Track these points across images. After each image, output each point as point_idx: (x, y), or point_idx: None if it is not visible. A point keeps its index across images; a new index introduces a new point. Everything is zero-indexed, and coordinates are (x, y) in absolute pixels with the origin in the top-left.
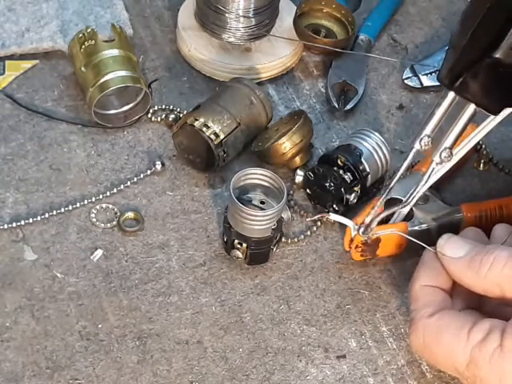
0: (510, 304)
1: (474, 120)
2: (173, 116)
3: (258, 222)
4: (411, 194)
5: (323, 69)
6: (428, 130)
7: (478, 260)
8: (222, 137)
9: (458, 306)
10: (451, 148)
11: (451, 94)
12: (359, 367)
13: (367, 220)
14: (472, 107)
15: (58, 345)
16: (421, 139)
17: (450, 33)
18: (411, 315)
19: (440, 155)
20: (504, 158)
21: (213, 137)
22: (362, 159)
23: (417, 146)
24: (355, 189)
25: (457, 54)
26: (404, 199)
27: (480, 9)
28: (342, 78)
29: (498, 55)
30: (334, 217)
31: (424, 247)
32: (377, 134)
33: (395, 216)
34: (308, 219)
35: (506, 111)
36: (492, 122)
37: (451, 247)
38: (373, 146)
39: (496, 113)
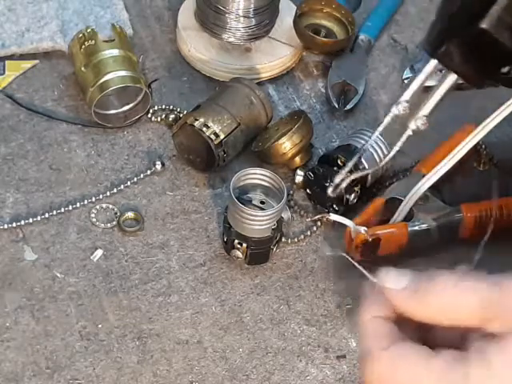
0: (457, 330)
1: (474, 120)
2: (173, 116)
3: (258, 222)
4: (385, 156)
5: (323, 69)
6: (406, 95)
7: (423, 288)
8: (222, 137)
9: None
10: (428, 116)
11: (433, 62)
12: (359, 367)
13: (337, 180)
14: (452, 77)
15: (58, 345)
16: (398, 104)
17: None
18: (364, 349)
19: (416, 122)
20: (504, 158)
21: (213, 137)
22: (362, 159)
23: (394, 111)
24: (355, 189)
25: (443, 21)
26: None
27: None
28: (342, 78)
29: (483, 25)
30: (333, 217)
31: (367, 277)
32: (377, 133)
33: (395, 216)
34: (308, 219)
35: (506, 112)
36: (491, 122)
37: (393, 279)
38: (373, 146)
39: (475, 84)
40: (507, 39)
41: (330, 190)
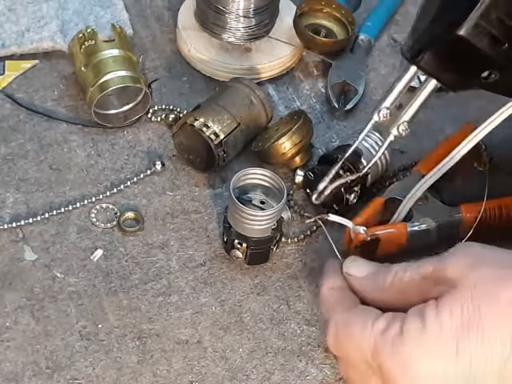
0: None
1: (474, 120)
2: (173, 116)
3: (257, 222)
4: (370, 162)
5: (323, 69)
6: (387, 102)
7: (382, 276)
8: (221, 137)
9: None
10: (409, 122)
11: (413, 68)
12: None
13: (320, 187)
14: (433, 82)
15: (58, 345)
16: (379, 111)
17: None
18: (324, 317)
19: (398, 128)
20: (504, 157)
21: (213, 137)
22: (362, 159)
23: (375, 118)
24: (355, 189)
25: (421, 29)
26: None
27: None
28: (342, 78)
29: (461, 33)
30: (333, 217)
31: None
32: (377, 133)
33: (395, 216)
34: (307, 221)
35: (507, 112)
36: (492, 123)
37: (356, 267)
38: (373, 146)
39: (455, 89)
40: (485, 45)
41: (313, 198)
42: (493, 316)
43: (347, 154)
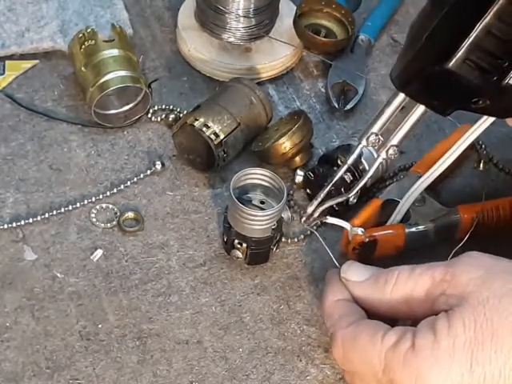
0: (420, 320)
1: (473, 120)
2: (173, 116)
3: (258, 222)
4: (357, 185)
5: (323, 69)
6: (375, 128)
7: (383, 279)
8: (221, 137)
9: None
10: (398, 146)
11: (402, 95)
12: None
13: (309, 210)
14: (422, 108)
15: (58, 345)
16: (368, 137)
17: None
18: (330, 331)
19: (387, 152)
20: (504, 157)
21: (213, 137)
22: (362, 159)
23: (363, 143)
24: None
25: (408, 58)
26: (352, 193)
27: (434, 17)
28: (342, 78)
29: (449, 66)
30: (331, 220)
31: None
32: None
33: (392, 217)
34: (306, 225)
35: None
36: (485, 122)
37: (355, 272)
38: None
39: (446, 114)
40: (475, 77)
41: (302, 220)
42: (506, 328)
43: (338, 176)
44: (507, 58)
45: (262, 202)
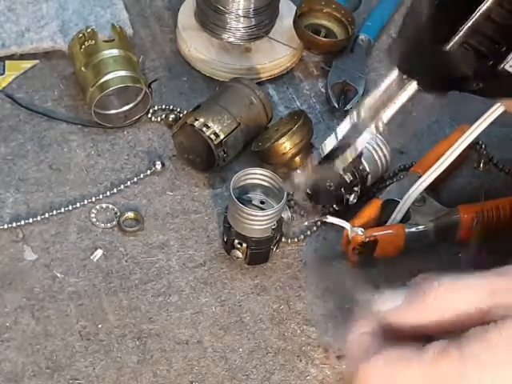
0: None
1: (473, 120)
2: (173, 116)
3: (258, 222)
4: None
5: (323, 69)
6: (367, 103)
7: (419, 298)
8: (222, 137)
9: None
10: (386, 123)
11: (395, 71)
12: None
13: (327, 149)
14: (413, 86)
15: (58, 345)
16: (358, 112)
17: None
18: (349, 365)
19: (376, 127)
20: (504, 157)
21: (213, 137)
22: (362, 159)
23: (354, 117)
24: (355, 189)
25: (406, 36)
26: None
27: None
28: (342, 78)
29: (447, 49)
30: (331, 219)
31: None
32: (379, 136)
33: (393, 217)
34: (306, 223)
35: (497, 112)
36: (484, 122)
37: (388, 300)
38: (373, 146)
39: (441, 95)
40: (471, 61)
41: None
42: None
43: (331, 146)
44: (505, 42)
45: (262, 202)
